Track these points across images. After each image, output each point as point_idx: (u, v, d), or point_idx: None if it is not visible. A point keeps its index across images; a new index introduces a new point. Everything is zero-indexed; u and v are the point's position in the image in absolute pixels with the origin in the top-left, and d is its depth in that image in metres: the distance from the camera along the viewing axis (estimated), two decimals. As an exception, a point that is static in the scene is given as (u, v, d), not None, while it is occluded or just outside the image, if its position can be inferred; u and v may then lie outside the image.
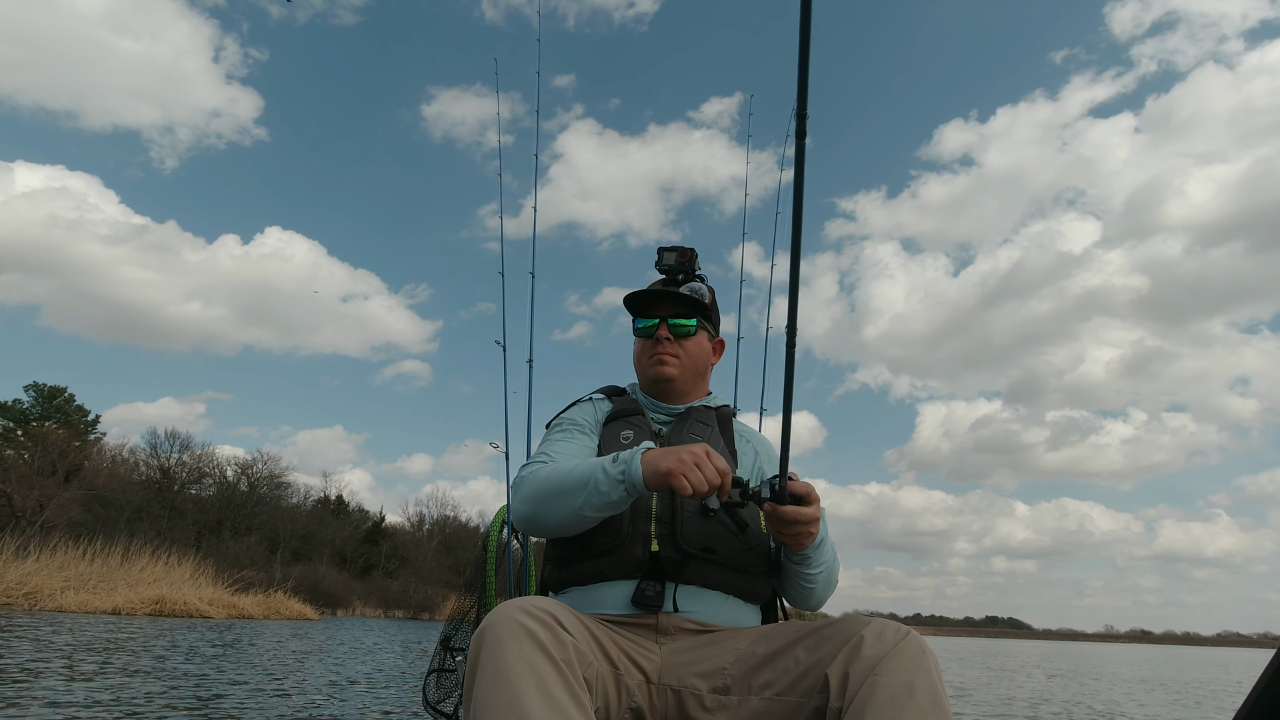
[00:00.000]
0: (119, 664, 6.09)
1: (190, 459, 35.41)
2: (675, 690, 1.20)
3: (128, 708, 3.95)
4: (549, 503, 1.30)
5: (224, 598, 19.42)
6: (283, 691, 5.06)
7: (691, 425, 1.53)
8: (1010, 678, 11.20)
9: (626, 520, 1.34)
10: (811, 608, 1.49)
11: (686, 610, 1.29)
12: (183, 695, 4.57)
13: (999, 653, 26.34)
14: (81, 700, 4.10)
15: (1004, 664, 16.16)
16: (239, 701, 4.47)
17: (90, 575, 17.44)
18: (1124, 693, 9.31)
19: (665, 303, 1.59)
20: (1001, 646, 41.97)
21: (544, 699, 0.93)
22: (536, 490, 1.33)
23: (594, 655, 1.11)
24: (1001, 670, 13.35)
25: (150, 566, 19.23)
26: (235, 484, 36.01)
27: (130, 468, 32.58)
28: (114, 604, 16.09)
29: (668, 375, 1.56)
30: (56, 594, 15.75)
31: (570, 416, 1.58)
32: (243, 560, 26.02)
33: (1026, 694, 8.27)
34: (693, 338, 1.59)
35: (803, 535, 1.25)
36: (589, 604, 1.33)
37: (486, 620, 1.03)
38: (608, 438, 1.50)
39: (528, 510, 1.34)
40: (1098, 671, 14.55)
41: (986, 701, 7.18)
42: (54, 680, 4.86)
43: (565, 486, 1.28)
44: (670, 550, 1.31)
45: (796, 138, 1.03)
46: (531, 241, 2.66)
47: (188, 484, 35.03)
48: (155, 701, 4.25)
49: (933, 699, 1.00)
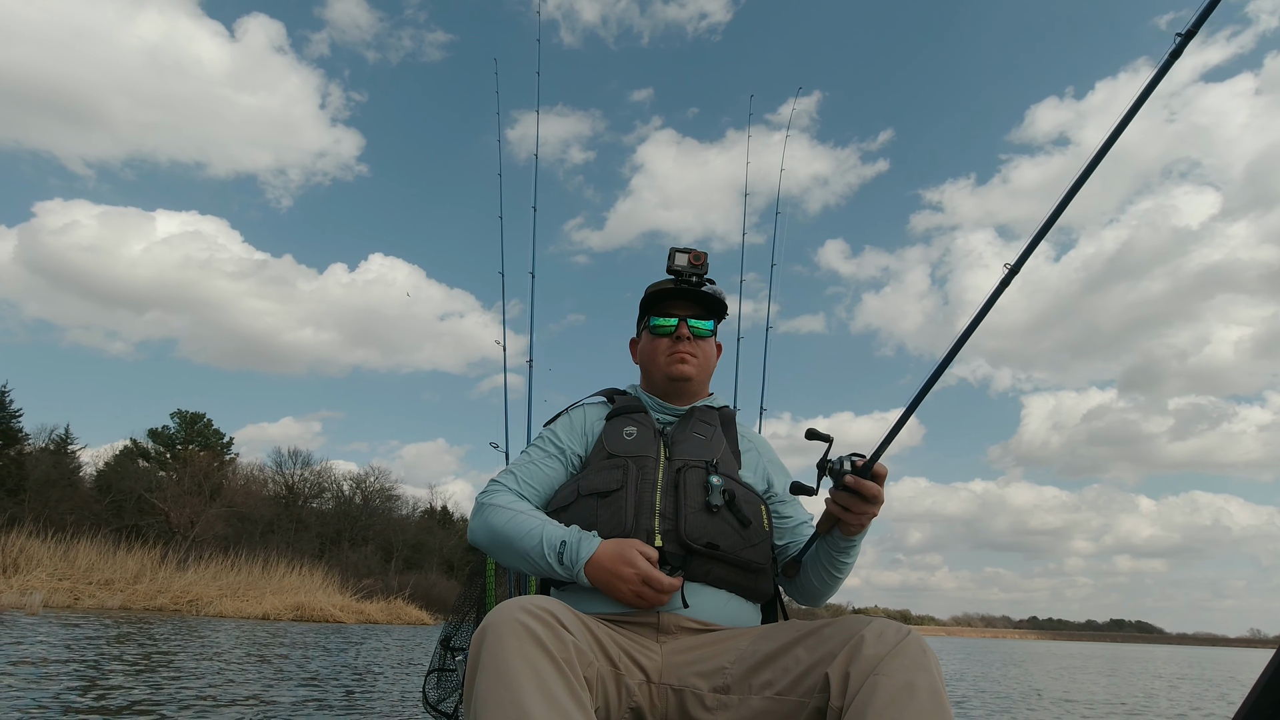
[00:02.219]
0: (346, 660, 6.98)
1: (310, 474, 38.21)
2: (676, 689, 1.20)
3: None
4: (498, 548, 1.37)
5: (351, 604, 21.02)
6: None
7: (695, 425, 1.52)
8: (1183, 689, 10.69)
9: (630, 516, 1.33)
10: (820, 602, 1.48)
11: (689, 608, 1.29)
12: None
13: (1126, 658, 24.71)
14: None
15: (1155, 670, 15.26)
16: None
17: (239, 584, 19.34)
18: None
19: (683, 303, 1.60)
20: (1130, 652, 39.15)
21: (545, 698, 0.94)
22: (487, 534, 1.38)
23: (594, 654, 1.11)
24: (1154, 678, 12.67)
25: (287, 576, 21.10)
26: (351, 498, 38.60)
27: (260, 484, 35.62)
28: (263, 610, 17.78)
29: (688, 374, 1.56)
30: (215, 601, 17.60)
31: (554, 431, 1.57)
32: (361, 569, 27.85)
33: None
34: (708, 340, 1.61)
35: (867, 517, 1.27)
36: (590, 602, 1.31)
37: (487, 619, 1.03)
38: (610, 433, 1.50)
39: (482, 539, 1.39)
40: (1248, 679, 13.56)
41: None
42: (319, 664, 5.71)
43: (512, 546, 1.34)
44: (674, 546, 1.30)
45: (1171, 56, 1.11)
46: (531, 243, 2.72)
47: (309, 498, 37.84)
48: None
49: (934, 699, 1.00)
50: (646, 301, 1.63)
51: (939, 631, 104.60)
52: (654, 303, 1.62)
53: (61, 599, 14.96)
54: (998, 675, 11.85)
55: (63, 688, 4.56)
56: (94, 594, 15.95)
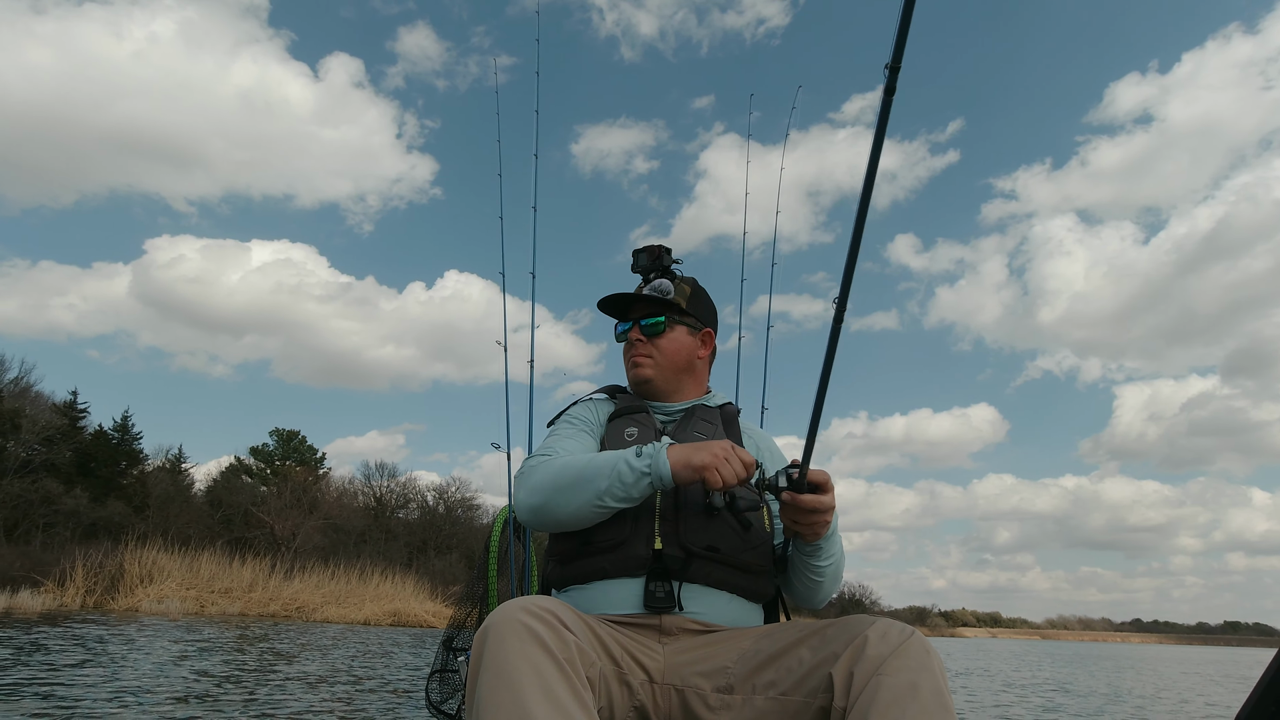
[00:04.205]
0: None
1: (396, 486, 40.07)
2: (679, 689, 1.20)
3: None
4: (563, 493, 1.29)
5: (442, 610, 22.02)
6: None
7: (695, 424, 1.50)
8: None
9: (629, 517, 1.32)
10: (817, 604, 1.46)
11: (691, 610, 1.28)
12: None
13: (1245, 662, 23.12)
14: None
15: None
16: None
17: (339, 592, 20.56)
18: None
19: (638, 304, 1.59)
20: (1249, 656, 36.44)
21: (547, 699, 0.93)
22: (549, 480, 1.31)
23: (597, 654, 1.10)
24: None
25: (381, 584, 22.29)
26: (434, 508, 40.22)
27: (351, 496, 37.59)
28: (364, 616, 18.90)
29: (644, 377, 1.55)
30: (319, 608, 18.80)
31: (572, 414, 1.56)
32: (448, 576, 29.01)
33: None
34: (665, 335, 1.56)
35: (819, 525, 1.25)
36: (592, 603, 1.31)
37: (489, 620, 1.03)
38: (612, 434, 1.49)
39: (537, 501, 1.32)
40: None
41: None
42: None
43: (585, 476, 1.27)
44: (674, 548, 1.29)
45: (885, 94, 0.91)
46: (532, 244, 2.74)
47: (396, 509, 39.67)
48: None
49: (937, 699, 1.00)
50: (610, 312, 1.64)
51: (1032, 635, 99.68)
52: (618, 311, 1.62)
53: (190, 606, 16.36)
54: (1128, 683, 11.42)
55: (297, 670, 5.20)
56: (215, 601, 17.36)
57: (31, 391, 24.64)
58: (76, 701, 4.14)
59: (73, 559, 15.92)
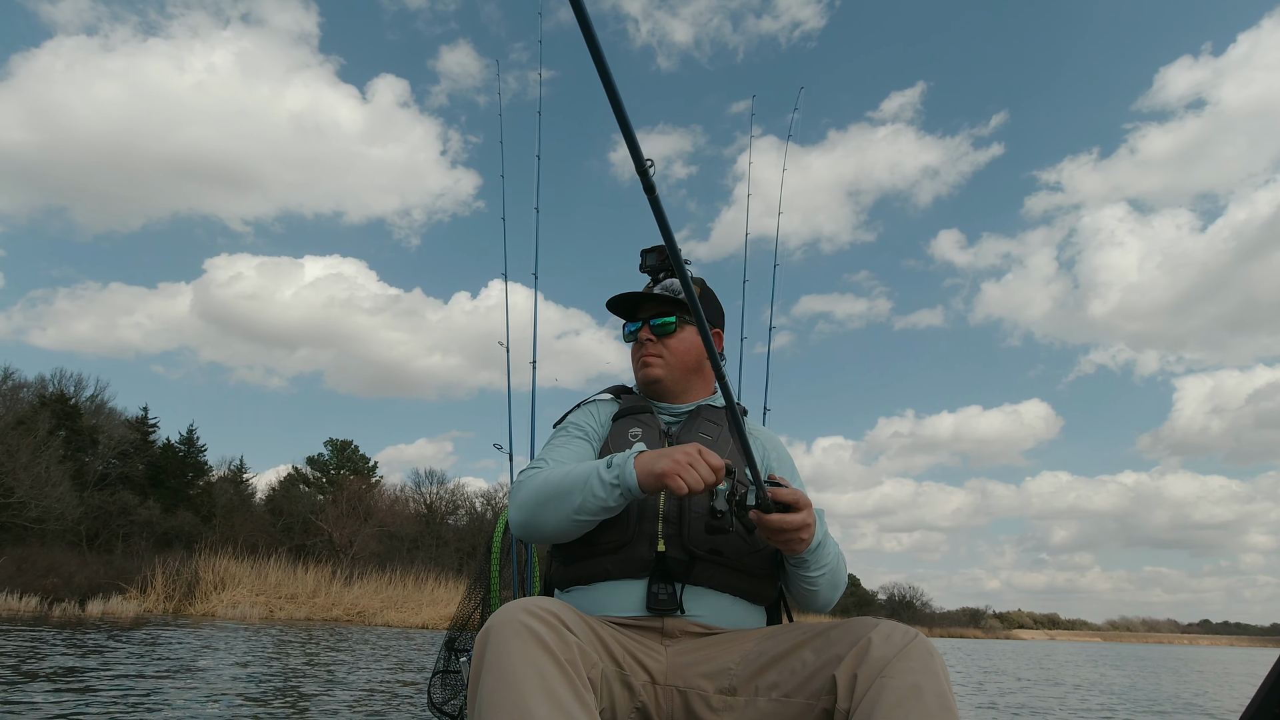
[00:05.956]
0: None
1: (445, 492, 40.96)
2: (681, 691, 1.19)
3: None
4: (544, 508, 1.29)
5: (495, 614, 22.47)
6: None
7: (700, 424, 1.49)
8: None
9: (633, 519, 1.31)
10: (819, 610, 1.45)
11: (693, 613, 1.28)
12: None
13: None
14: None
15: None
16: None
17: (397, 597, 21.20)
18: None
19: (647, 304, 1.57)
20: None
21: (548, 699, 0.93)
22: (532, 496, 1.32)
23: (599, 655, 1.10)
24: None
25: (436, 589, 22.87)
26: (483, 514, 40.96)
27: (403, 504, 38.58)
28: (421, 620, 19.45)
29: (654, 376, 1.53)
30: (379, 613, 19.44)
31: (571, 420, 1.55)
32: (498, 580, 29.55)
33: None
34: (676, 335, 1.54)
35: (794, 541, 1.22)
36: (594, 604, 1.31)
37: (490, 621, 1.03)
38: (616, 435, 1.48)
39: (523, 517, 1.33)
40: None
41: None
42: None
43: (560, 490, 1.27)
44: (676, 551, 1.29)
45: (647, 192, 0.86)
46: (534, 245, 2.75)
47: (446, 515, 40.54)
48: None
49: (940, 702, 1.00)
50: (620, 311, 1.61)
51: (1093, 637, 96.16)
52: (628, 311, 1.60)
53: (260, 612, 17.13)
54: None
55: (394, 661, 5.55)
56: (283, 606, 18.12)
57: (106, 408, 26.08)
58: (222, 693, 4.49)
59: (152, 567, 16.84)
